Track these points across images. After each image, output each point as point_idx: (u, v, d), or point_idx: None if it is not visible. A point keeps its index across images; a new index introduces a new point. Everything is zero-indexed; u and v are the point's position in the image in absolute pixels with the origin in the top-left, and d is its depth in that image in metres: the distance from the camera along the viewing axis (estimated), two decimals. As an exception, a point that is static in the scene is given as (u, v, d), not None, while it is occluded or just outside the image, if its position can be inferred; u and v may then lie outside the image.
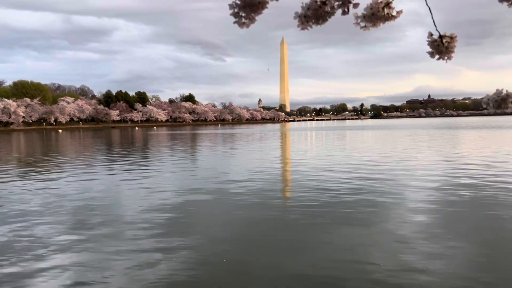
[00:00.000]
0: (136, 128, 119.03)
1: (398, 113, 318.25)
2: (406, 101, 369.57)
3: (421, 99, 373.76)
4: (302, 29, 1.51)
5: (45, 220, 8.67)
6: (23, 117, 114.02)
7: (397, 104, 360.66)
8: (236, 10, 1.42)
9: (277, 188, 12.23)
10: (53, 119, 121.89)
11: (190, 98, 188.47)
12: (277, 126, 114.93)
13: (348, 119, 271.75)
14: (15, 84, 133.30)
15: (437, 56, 1.55)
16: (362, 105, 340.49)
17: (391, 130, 58.20)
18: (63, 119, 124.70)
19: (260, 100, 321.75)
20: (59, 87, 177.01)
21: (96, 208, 9.74)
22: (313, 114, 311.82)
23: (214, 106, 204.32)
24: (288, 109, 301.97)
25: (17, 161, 23.03)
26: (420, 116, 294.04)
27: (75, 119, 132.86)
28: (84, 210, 9.57)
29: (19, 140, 53.65)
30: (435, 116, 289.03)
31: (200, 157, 23.23)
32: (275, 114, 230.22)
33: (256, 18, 1.46)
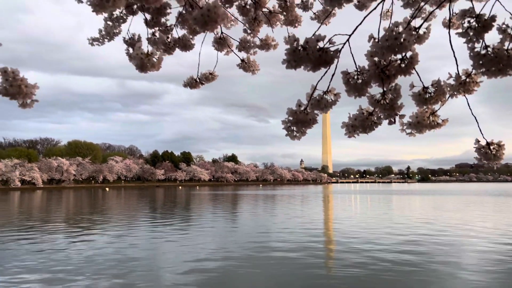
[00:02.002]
0: (180, 187, 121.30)
1: (447, 177, 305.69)
2: (455, 165, 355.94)
3: (471, 163, 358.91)
4: (349, 137, 1.59)
5: (84, 277, 8.82)
6: (74, 175, 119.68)
7: (446, 167, 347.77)
8: (288, 125, 1.54)
9: (319, 258, 11.84)
10: (101, 177, 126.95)
11: (232, 158, 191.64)
12: (319, 188, 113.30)
13: (394, 182, 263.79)
14: (69, 143, 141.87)
15: (485, 162, 1.57)
16: (408, 168, 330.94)
17: (441, 196, 55.71)
18: (111, 177, 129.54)
19: (302, 160, 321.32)
20: (109, 146, 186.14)
21: (135, 267, 9.83)
22: (357, 176, 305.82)
23: (256, 166, 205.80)
24: (330, 171, 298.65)
25: (64, 218, 23.94)
26: (471, 180, 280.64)
27: (122, 178, 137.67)
28: (123, 269, 9.67)
29: (68, 197, 56.01)
30: (488, 181, 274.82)
31: (240, 219, 23.13)
32: (317, 175, 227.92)
33: (307, 131, 1.57)
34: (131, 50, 3.03)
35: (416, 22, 1.59)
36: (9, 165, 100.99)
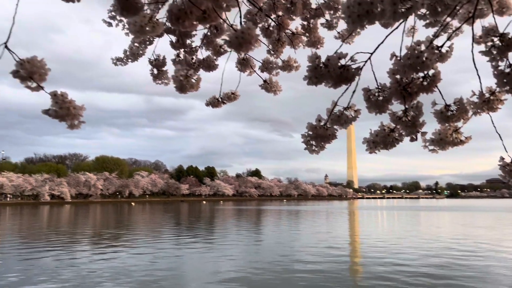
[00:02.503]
0: (204, 202, 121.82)
1: (478, 193, 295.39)
2: (486, 180, 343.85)
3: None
4: (370, 153, 1.61)
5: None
6: (101, 189, 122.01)
7: (476, 183, 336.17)
8: (308, 139, 1.57)
9: (344, 274, 11.62)
10: (127, 192, 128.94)
11: (256, 173, 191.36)
12: (344, 203, 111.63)
13: (422, 198, 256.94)
14: (97, 159, 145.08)
15: (510, 180, 1.55)
16: (436, 183, 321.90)
17: (471, 212, 53.96)
18: (136, 192, 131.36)
19: (326, 175, 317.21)
20: (135, 161, 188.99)
21: (160, 281, 9.90)
22: (383, 191, 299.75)
23: (279, 181, 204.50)
24: (356, 186, 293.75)
25: (91, 232, 24.40)
26: (503, 196, 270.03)
27: (148, 193, 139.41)
28: (148, 283, 9.75)
29: (95, 212, 57.07)
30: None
31: (264, 235, 23.00)
32: (342, 191, 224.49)
33: (329, 146, 1.59)
34: (155, 70, 3.12)
35: (440, 39, 1.60)
36: (39, 180, 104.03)
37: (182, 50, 3.05)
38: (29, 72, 1.77)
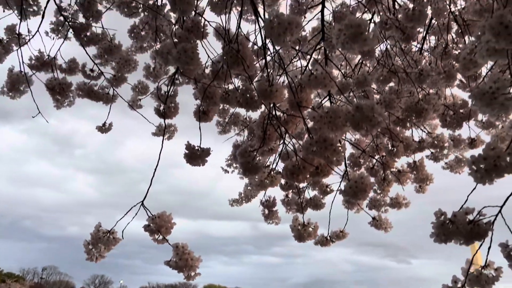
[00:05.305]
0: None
1: None
2: None
3: None
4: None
5: None
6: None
7: None
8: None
9: None
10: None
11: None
12: None
13: None
14: (205, 287, 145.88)
15: None
16: None
17: None
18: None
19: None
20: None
21: None
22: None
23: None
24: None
25: None
26: None
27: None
28: None
29: None
30: None
31: None
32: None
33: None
34: (266, 211, 3.28)
35: None
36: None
37: (290, 191, 3.20)
38: (158, 226, 1.99)
